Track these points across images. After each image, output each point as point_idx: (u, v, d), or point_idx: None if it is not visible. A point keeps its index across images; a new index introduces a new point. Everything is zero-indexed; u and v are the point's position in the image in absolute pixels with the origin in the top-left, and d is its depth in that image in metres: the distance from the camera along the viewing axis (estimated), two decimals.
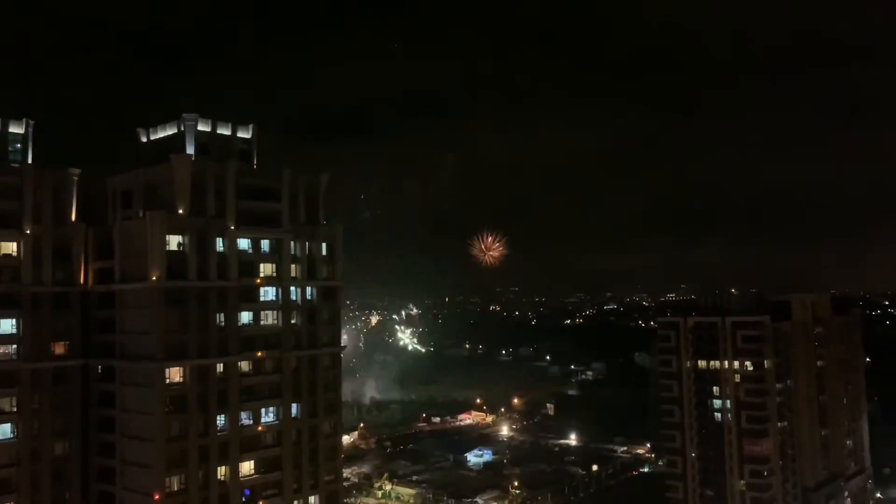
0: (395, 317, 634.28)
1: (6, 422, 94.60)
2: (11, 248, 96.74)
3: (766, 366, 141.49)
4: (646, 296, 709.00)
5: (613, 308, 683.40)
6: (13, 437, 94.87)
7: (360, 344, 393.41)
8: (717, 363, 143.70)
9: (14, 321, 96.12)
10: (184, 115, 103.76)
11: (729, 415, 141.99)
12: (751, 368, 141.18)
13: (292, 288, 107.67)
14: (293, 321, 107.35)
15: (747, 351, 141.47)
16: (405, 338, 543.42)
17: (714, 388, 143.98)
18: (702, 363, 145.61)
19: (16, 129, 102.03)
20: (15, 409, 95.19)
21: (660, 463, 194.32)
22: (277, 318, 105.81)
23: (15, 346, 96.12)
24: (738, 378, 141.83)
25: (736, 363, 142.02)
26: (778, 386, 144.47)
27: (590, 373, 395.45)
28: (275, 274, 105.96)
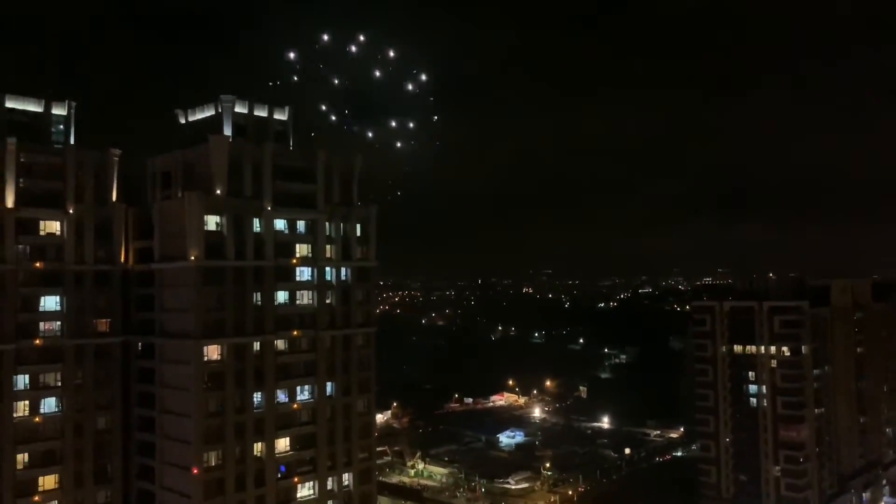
0: (429, 297, 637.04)
1: (51, 396, 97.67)
2: (55, 227, 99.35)
3: (803, 351, 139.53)
4: (682, 279, 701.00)
5: (648, 291, 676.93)
6: (58, 411, 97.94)
7: (394, 323, 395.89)
8: (754, 348, 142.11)
9: (58, 298, 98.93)
10: (221, 96, 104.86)
11: (764, 400, 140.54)
12: (788, 354, 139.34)
13: (327, 268, 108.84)
14: (328, 301, 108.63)
15: (784, 336, 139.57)
16: (439, 319, 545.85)
17: (750, 373, 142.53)
18: (737, 348, 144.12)
19: (59, 110, 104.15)
20: (59, 384, 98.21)
21: (693, 447, 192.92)
22: (312, 298, 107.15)
23: (59, 322, 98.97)
24: (774, 363, 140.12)
25: (773, 348, 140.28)
26: (815, 372, 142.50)
27: (623, 356, 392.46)
28: (310, 254, 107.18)
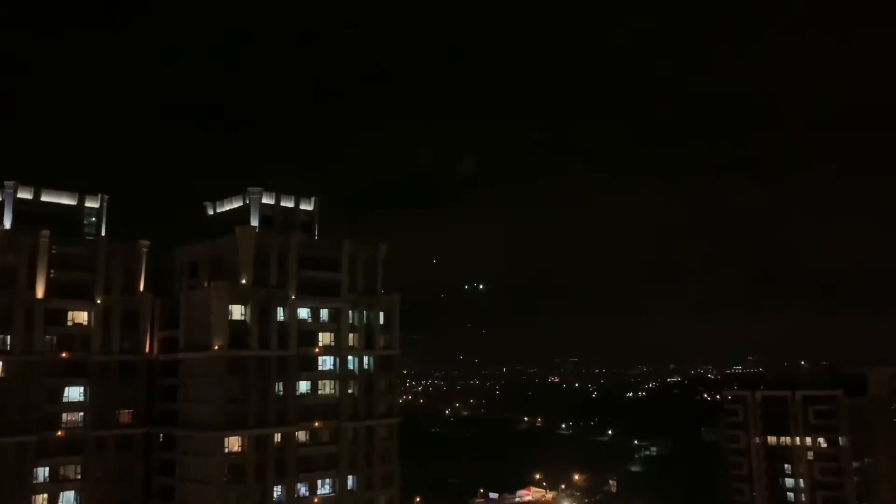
0: (454, 386, 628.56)
1: (71, 489, 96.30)
2: (83, 317, 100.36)
3: (841, 443, 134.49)
4: (711, 368, 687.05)
5: (678, 381, 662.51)
6: None
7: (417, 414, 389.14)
8: (789, 439, 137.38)
9: (82, 389, 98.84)
10: (249, 188, 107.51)
11: (803, 495, 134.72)
12: (825, 446, 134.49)
13: (350, 357, 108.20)
14: (350, 391, 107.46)
15: (820, 427, 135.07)
16: (463, 409, 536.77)
17: (786, 465, 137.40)
18: (772, 439, 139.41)
19: (92, 203, 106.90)
20: (79, 477, 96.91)
21: None
22: (335, 388, 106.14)
23: (82, 413, 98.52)
24: (811, 455, 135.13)
25: (808, 440, 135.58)
26: (855, 465, 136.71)
27: (654, 448, 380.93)
28: (333, 343, 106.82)
